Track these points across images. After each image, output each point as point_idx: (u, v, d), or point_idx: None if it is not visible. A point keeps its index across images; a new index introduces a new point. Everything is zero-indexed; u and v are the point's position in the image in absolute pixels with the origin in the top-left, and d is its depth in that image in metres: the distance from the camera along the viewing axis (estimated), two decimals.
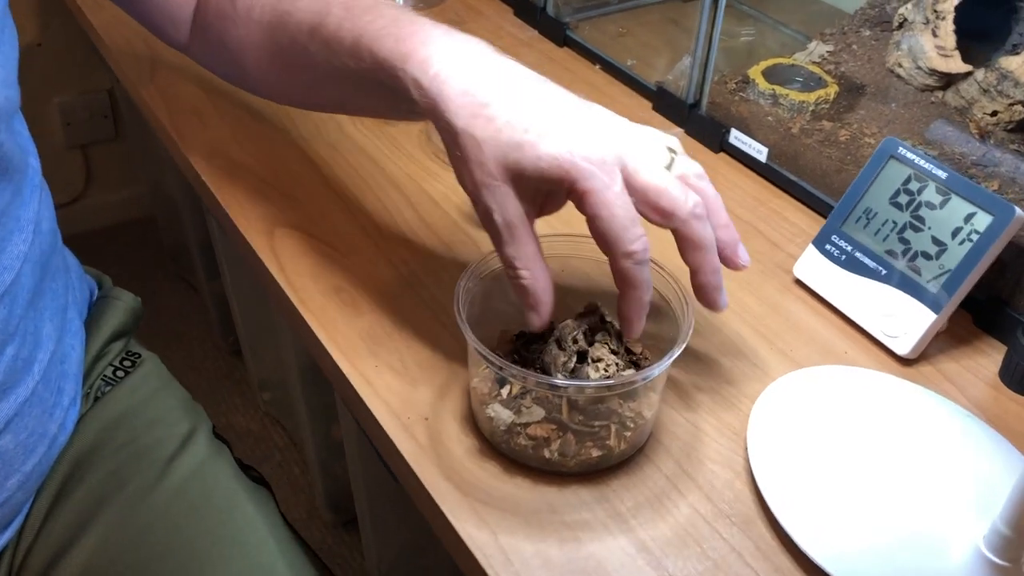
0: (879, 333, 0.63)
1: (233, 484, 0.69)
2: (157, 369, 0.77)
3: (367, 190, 0.76)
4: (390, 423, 0.56)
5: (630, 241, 0.48)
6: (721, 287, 0.53)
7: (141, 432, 0.70)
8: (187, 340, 1.72)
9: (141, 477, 0.67)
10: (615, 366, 0.52)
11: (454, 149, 0.51)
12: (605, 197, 0.48)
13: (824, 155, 0.75)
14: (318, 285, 0.66)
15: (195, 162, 0.78)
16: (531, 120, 0.49)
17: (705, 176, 0.53)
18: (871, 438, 0.55)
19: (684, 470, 0.54)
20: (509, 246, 0.50)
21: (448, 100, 0.50)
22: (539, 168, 0.48)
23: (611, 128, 0.50)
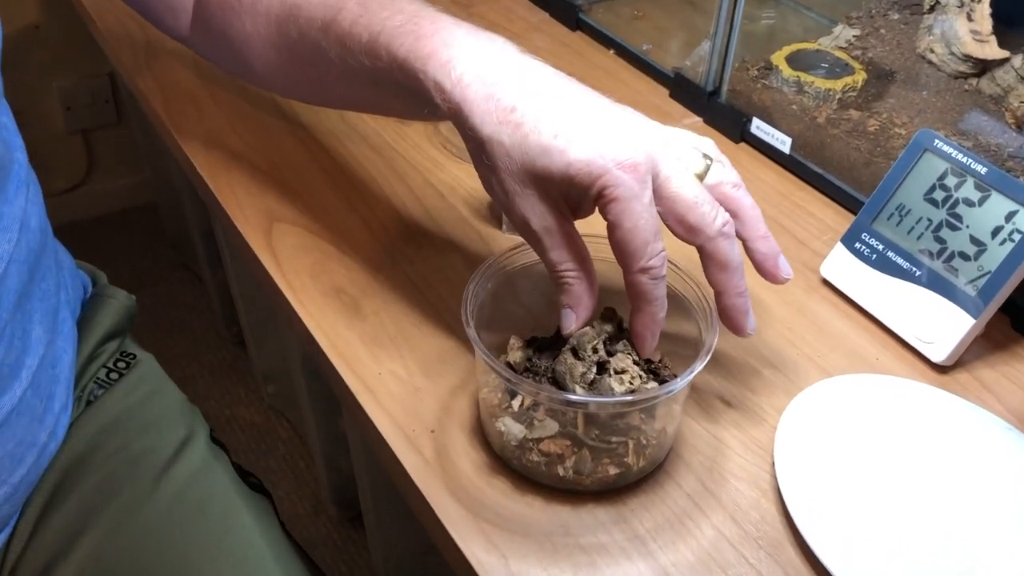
0: (912, 338, 0.59)
1: (231, 493, 0.66)
2: (152, 370, 0.73)
3: (370, 182, 0.72)
4: (394, 436, 0.53)
5: (649, 256, 0.45)
6: (748, 310, 0.50)
7: (135, 438, 0.67)
8: (190, 330, 1.69)
9: (135, 486, 0.64)
10: (639, 378, 0.49)
11: (481, 157, 0.48)
12: (631, 207, 0.45)
13: (852, 146, 0.71)
14: (318, 285, 0.63)
15: (191, 152, 0.75)
16: (560, 124, 0.46)
17: (742, 185, 0.50)
18: (906, 453, 0.52)
19: (707, 488, 0.51)
20: (552, 251, 0.48)
21: (473, 105, 0.47)
22: (568, 175, 0.45)
23: (645, 132, 0.47)
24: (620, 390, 0.48)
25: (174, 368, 1.60)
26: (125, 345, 0.74)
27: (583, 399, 0.46)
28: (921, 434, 0.53)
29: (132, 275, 1.80)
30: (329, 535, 1.34)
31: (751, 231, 0.50)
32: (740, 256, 0.49)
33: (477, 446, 0.52)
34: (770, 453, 0.53)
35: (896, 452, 0.52)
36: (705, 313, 0.51)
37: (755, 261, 0.51)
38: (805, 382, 0.57)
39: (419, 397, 0.55)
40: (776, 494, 0.51)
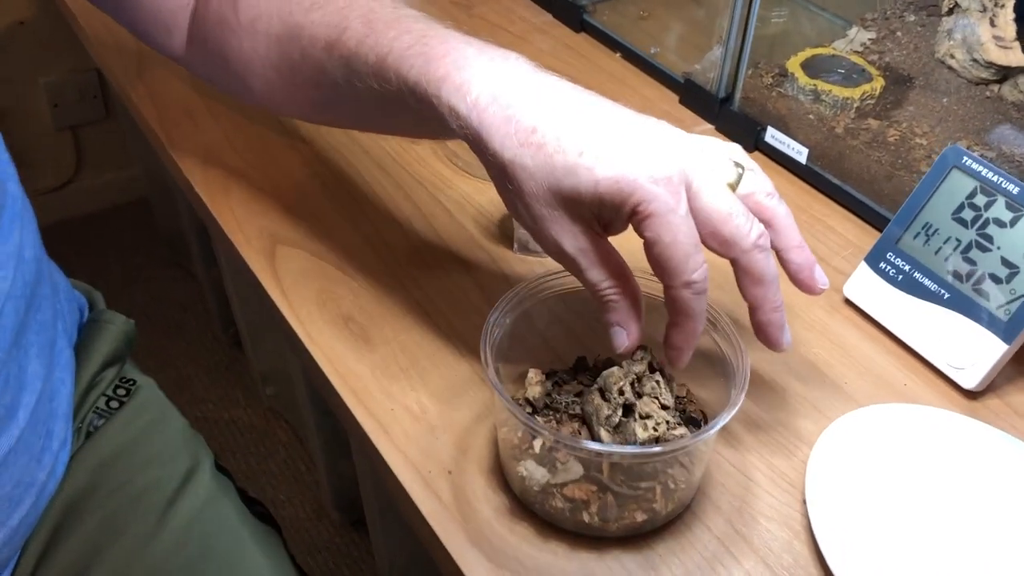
0: (942, 364, 0.57)
1: (238, 527, 0.64)
2: (153, 396, 0.71)
3: (374, 199, 0.70)
4: (410, 479, 0.51)
5: (692, 270, 0.44)
6: (784, 325, 0.48)
7: (137, 472, 0.65)
8: (186, 331, 1.66)
9: (139, 524, 0.62)
10: (665, 424, 0.47)
11: (505, 182, 0.46)
12: (668, 221, 0.43)
13: (872, 158, 0.69)
14: (325, 314, 0.60)
15: (187, 170, 0.72)
16: (584, 141, 0.44)
17: (776, 193, 0.49)
18: (941, 489, 0.50)
19: (736, 530, 0.49)
20: (591, 271, 0.46)
21: (491, 129, 0.45)
22: (598, 193, 0.44)
23: (673, 142, 0.45)
24: (644, 436, 0.46)
25: (170, 370, 1.58)
26: (125, 371, 0.72)
27: (603, 448, 0.44)
28: (957, 469, 0.51)
29: (124, 273, 1.77)
30: (331, 539, 1.33)
31: (786, 241, 0.48)
32: (776, 269, 0.47)
33: (497, 488, 0.51)
34: (800, 490, 0.51)
35: (931, 488, 0.50)
36: (735, 347, 0.49)
37: (790, 272, 0.49)
38: (832, 410, 0.55)
39: (434, 434, 0.53)
40: (808, 534, 0.49)
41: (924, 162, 0.67)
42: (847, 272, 0.64)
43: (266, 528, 0.66)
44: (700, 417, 0.51)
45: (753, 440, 0.54)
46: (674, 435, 0.47)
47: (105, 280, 1.77)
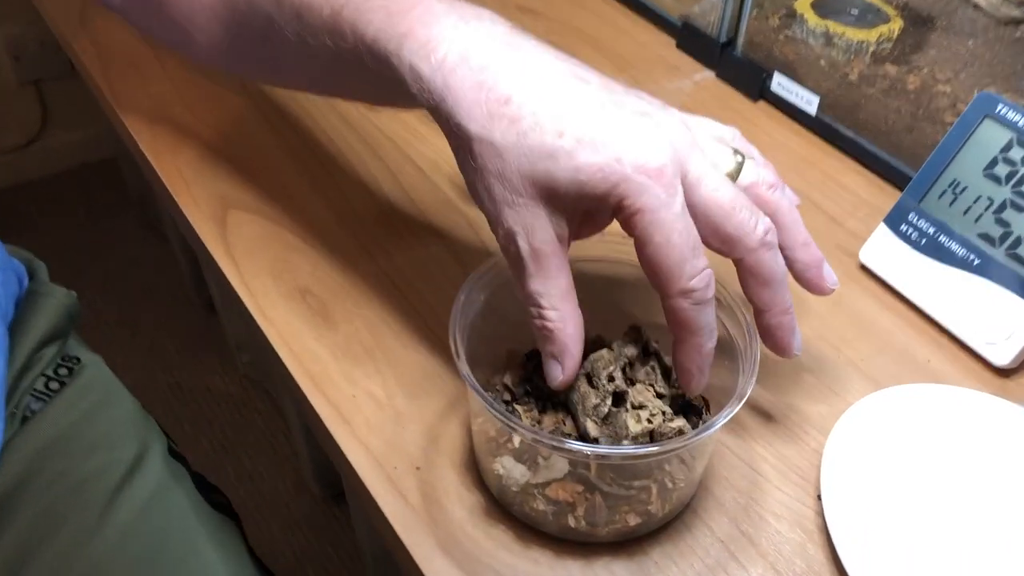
0: (970, 338, 0.51)
1: (190, 519, 0.58)
2: (100, 375, 0.65)
3: (339, 158, 0.63)
4: (372, 476, 0.45)
5: (690, 275, 0.37)
6: (795, 328, 0.43)
7: (79, 459, 0.58)
8: (158, 295, 1.59)
9: (79, 517, 0.56)
10: (661, 415, 0.41)
11: (467, 158, 0.40)
12: (660, 218, 0.37)
13: (890, 108, 0.62)
14: (280, 286, 0.54)
15: (132, 127, 0.65)
16: (566, 119, 0.38)
17: (779, 184, 0.43)
18: (972, 482, 0.44)
19: (742, 531, 0.43)
20: (535, 280, 0.39)
21: (458, 94, 0.39)
22: (578, 182, 0.37)
23: (668, 126, 0.39)
24: (636, 429, 0.40)
25: (142, 336, 1.52)
26: (67, 348, 0.65)
27: (588, 449, 0.38)
28: (989, 457, 0.45)
29: (94, 236, 1.70)
30: (312, 514, 1.27)
31: (791, 238, 0.43)
32: (784, 268, 0.41)
33: (471, 485, 0.45)
34: (814, 485, 0.45)
35: (961, 480, 0.44)
36: (743, 329, 0.43)
37: (796, 271, 0.44)
38: (848, 392, 0.49)
39: (401, 424, 0.47)
40: (824, 536, 0.43)
41: (948, 111, 0.61)
42: (863, 236, 0.58)
43: (222, 519, 0.60)
44: (701, 404, 0.45)
45: (760, 427, 0.48)
46: (670, 427, 0.41)
47: (74, 243, 1.70)
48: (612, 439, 0.41)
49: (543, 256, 0.39)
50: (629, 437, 0.40)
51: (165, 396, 1.44)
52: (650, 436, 0.41)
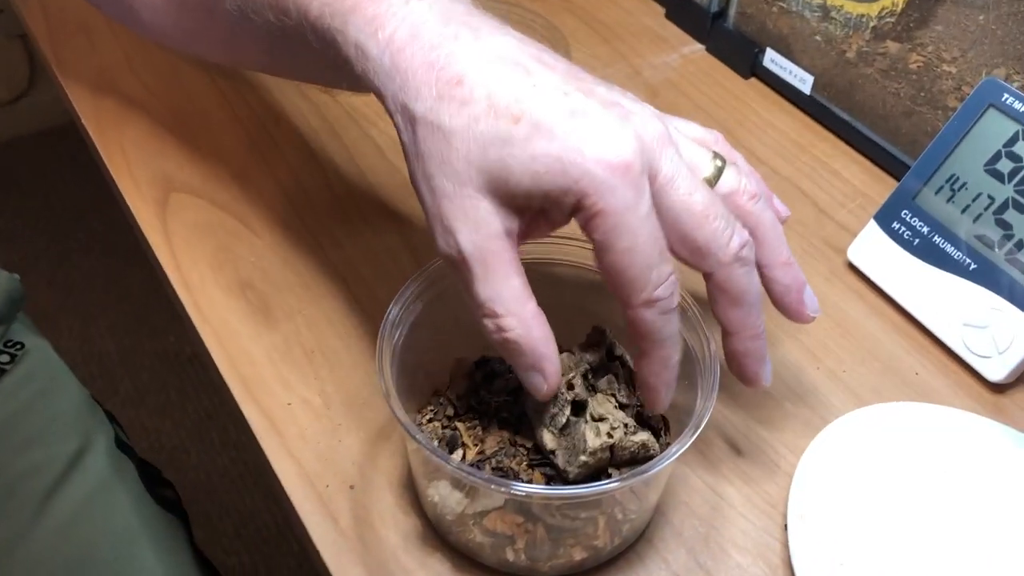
0: (963, 349, 0.47)
1: (132, 521, 0.55)
2: (45, 361, 0.62)
3: (294, 135, 0.59)
4: (301, 494, 0.41)
5: (655, 284, 0.34)
6: (765, 357, 0.39)
7: (14, 455, 0.56)
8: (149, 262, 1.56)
9: (10, 520, 0.53)
10: (623, 428, 0.37)
11: (411, 142, 0.36)
12: (625, 221, 0.33)
13: (889, 89, 0.57)
14: (220, 279, 0.50)
15: (74, 96, 0.61)
16: (524, 104, 0.33)
17: (762, 196, 0.39)
18: (961, 514, 0.41)
19: (700, 563, 0.40)
20: (484, 284, 0.35)
21: (407, 75, 0.35)
22: (533, 173, 0.33)
23: (639, 117, 0.35)
24: (595, 444, 0.37)
25: (132, 301, 1.49)
26: (11, 333, 0.62)
27: (533, 490, 0.34)
28: (979, 490, 0.42)
29: (84, 195, 1.66)
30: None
31: (771, 255, 0.39)
32: (759, 287, 0.37)
33: (408, 508, 0.41)
34: (782, 512, 0.42)
35: (946, 515, 0.41)
36: (701, 342, 0.39)
37: (773, 293, 0.40)
38: (825, 408, 0.46)
39: (338, 437, 0.43)
40: (788, 570, 0.40)
41: (952, 95, 0.56)
42: (853, 230, 0.53)
43: (166, 518, 0.57)
44: (659, 423, 0.41)
45: (726, 446, 0.44)
46: (632, 442, 0.37)
47: (62, 203, 1.66)
48: (569, 451, 0.37)
49: (490, 255, 0.34)
50: (587, 452, 0.36)
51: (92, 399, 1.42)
52: (610, 451, 0.37)
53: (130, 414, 1.35)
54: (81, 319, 1.49)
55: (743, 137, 0.60)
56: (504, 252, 0.35)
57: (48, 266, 1.56)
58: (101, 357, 1.43)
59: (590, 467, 0.37)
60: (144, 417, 1.35)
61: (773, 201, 0.43)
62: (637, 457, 0.37)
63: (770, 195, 0.43)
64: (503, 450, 0.39)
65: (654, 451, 0.37)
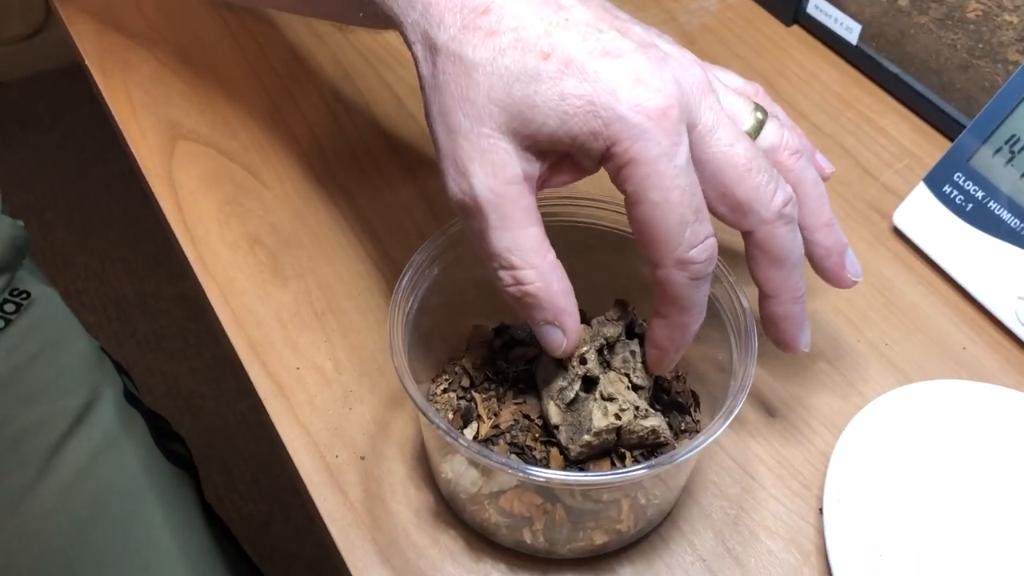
0: (1015, 323, 0.44)
1: (139, 477, 0.53)
2: (52, 312, 0.59)
3: (307, 80, 0.56)
4: (310, 465, 0.39)
5: (690, 243, 0.31)
6: (805, 322, 0.36)
7: (20, 409, 0.54)
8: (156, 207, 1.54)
9: (15, 476, 0.52)
10: (632, 411, 0.34)
11: (429, 74, 0.33)
12: (660, 171, 0.30)
13: (944, 40, 0.53)
14: (226, 234, 0.48)
15: (77, 35, 0.58)
16: (555, 38, 0.31)
17: (805, 152, 0.36)
18: (1010, 505, 0.38)
19: (728, 548, 0.38)
20: (499, 233, 0.32)
21: (428, 2, 0.32)
22: (561, 113, 0.31)
23: (678, 61, 0.32)
24: (601, 424, 0.34)
25: (149, 245, 1.47)
26: (16, 281, 0.60)
27: (546, 475, 0.32)
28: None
29: (103, 134, 1.63)
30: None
31: (813, 216, 0.36)
32: (802, 248, 0.35)
33: (421, 482, 0.39)
34: (817, 495, 0.39)
35: (996, 504, 0.38)
36: (738, 318, 0.36)
37: (813, 256, 0.37)
38: (866, 384, 0.43)
39: (348, 405, 0.41)
40: (823, 559, 0.37)
41: (1012, 47, 0.52)
42: (901, 192, 0.50)
43: (175, 473, 0.56)
44: (689, 400, 0.39)
45: (760, 422, 0.41)
46: (642, 426, 0.34)
47: (80, 142, 1.64)
48: (574, 429, 0.35)
49: (507, 201, 0.32)
50: (591, 431, 0.34)
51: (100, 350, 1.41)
52: (616, 433, 0.35)
53: (147, 358, 1.34)
54: (98, 260, 1.47)
55: (783, 89, 0.57)
56: (522, 199, 0.32)
57: (66, 206, 1.55)
58: (118, 300, 1.42)
59: (594, 448, 0.34)
60: (161, 361, 1.34)
61: (816, 157, 0.40)
62: (645, 442, 0.35)
63: (813, 151, 0.40)
64: (518, 424, 0.37)
65: (664, 437, 0.35)
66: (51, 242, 1.49)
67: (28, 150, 1.62)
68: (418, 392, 0.33)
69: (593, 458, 0.35)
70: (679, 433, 0.38)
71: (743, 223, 0.33)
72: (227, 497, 1.20)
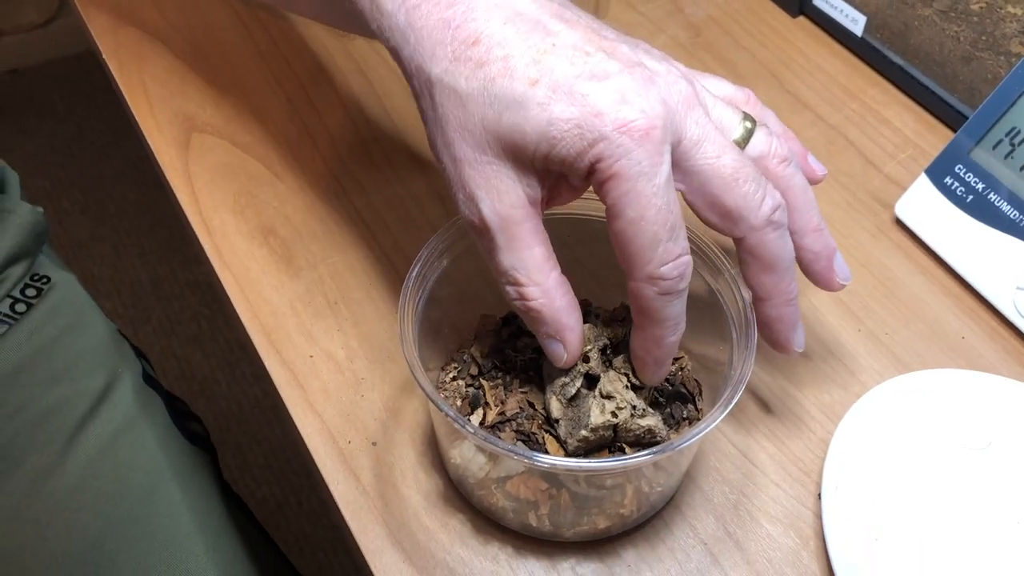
0: (1014, 313, 0.45)
1: (158, 454, 0.55)
2: (71, 296, 0.61)
3: (319, 74, 0.57)
4: (322, 449, 0.41)
5: (661, 261, 0.32)
6: (797, 323, 0.37)
7: (42, 390, 0.55)
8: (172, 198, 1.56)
9: (39, 454, 0.53)
10: (629, 410, 0.36)
11: (428, 107, 0.35)
12: (637, 189, 0.31)
13: (947, 32, 0.54)
14: (241, 225, 0.49)
15: (95, 30, 0.59)
16: (541, 66, 0.32)
17: (793, 159, 0.37)
18: (1006, 494, 0.39)
19: (729, 532, 0.39)
20: (506, 253, 0.34)
21: (421, 33, 0.34)
22: (549, 138, 0.32)
23: (664, 79, 0.33)
24: (598, 421, 0.35)
25: (163, 231, 1.49)
26: (37, 266, 0.61)
27: (551, 462, 0.33)
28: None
29: (118, 122, 1.65)
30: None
31: (802, 221, 0.37)
32: (792, 252, 0.36)
33: (431, 467, 0.40)
34: (816, 481, 0.40)
35: (992, 491, 0.39)
36: (738, 308, 0.37)
37: (803, 260, 0.38)
38: (866, 373, 0.44)
39: (360, 392, 0.42)
40: (821, 543, 0.38)
41: (1015, 40, 0.52)
42: (903, 183, 0.51)
43: (194, 453, 0.57)
44: (694, 391, 0.40)
45: (760, 410, 0.42)
46: (638, 425, 0.35)
47: (95, 129, 1.66)
48: (572, 423, 0.36)
49: (512, 223, 0.34)
50: (588, 427, 0.35)
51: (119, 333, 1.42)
52: (613, 430, 0.36)
53: (162, 343, 1.36)
54: (113, 247, 1.49)
55: (788, 80, 0.57)
56: (527, 221, 0.34)
57: (81, 193, 1.56)
58: (133, 286, 1.44)
59: (590, 443, 0.36)
60: (176, 347, 1.36)
61: (808, 159, 0.41)
62: (642, 440, 0.36)
63: (804, 154, 0.41)
64: (524, 412, 0.38)
65: (660, 437, 0.36)
66: (67, 228, 1.51)
67: (43, 138, 1.64)
68: (427, 380, 0.34)
69: (590, 452, 0.36)
70: (681, 421, 0.39)
71: (734, 230, 0.34)
72: (240, 480, 1.22)
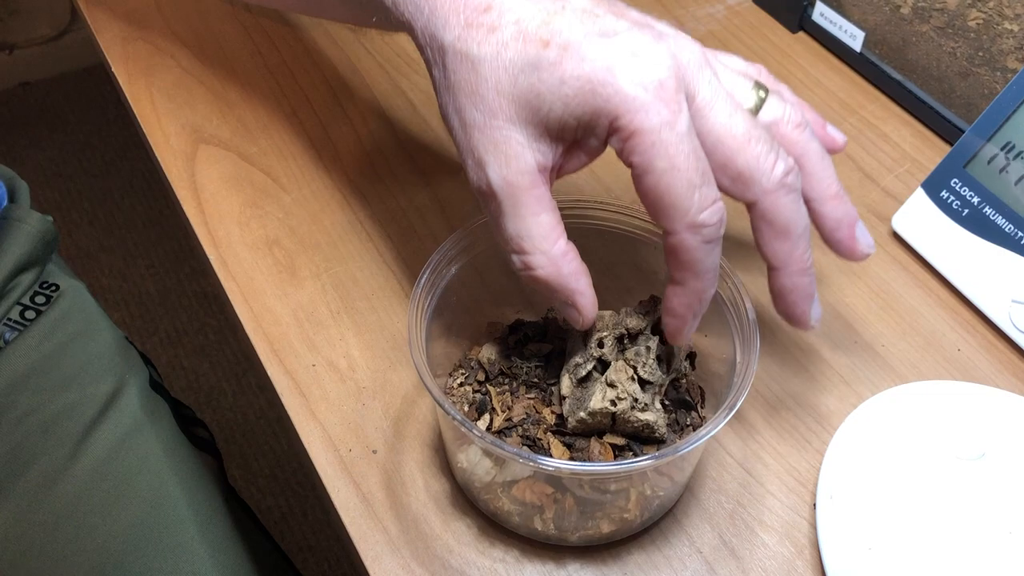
0: (1009, 326, 0.45)
1: (163, 459, 0.55)
2: (80, 303, 0.62)
3: (323, 87, 0.58)
4: (323, 457, 0.41)
5: (700, 206, 0.32)
6: (813, 294, 0.37)
7: (51, 395, 0.56)
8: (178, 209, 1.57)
9: (48, 458, 0.54)
10: (630, 401, 0.36)
11: (440, 74, 0.35)
12: (664, 139, 0.31)
13: (944, 48, 0.54)
14: (247, 236, 0.49)
15: (104, 43, 0.60)
16: (553, 28, 0.33)
17: (808, 124, 0.36)
18: (999, 506, 0.39)
19: (725, 542, 0.39)
20: (511, 219, 0.34)
21: (434, 3, 0.35)
22: (563, 97, 0.32)
23: (674, 41, 0.34)
24: (597, 406, 0.36)
25: (171, 242, 1.50)
26: (46, 274, 0.62)
27: (556, 465, 0.33)
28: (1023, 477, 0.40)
29: (127, 134, 1.67)
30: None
31: (819, 187, 0.36)
32: (806, 217, 0.35)
33: (438, 472, 0.41)
34: (812, 492, 0.41)
35: (986, 503, 0.39)
36: (741, 318, 0.38)
37: (823, 229, 0.38)
38: (863, 385, 0.44)
39: (362, 401, 0.43)
40: (815, 552, 0.39)
41: (1012, 56, 0.53)
42: (900, 197, 0.51)
43: (199, 458, 0.58)
44: (696, 397, 0.40)
45: (758, 420, 0.43)
46: (637, 418, 0.36)
47: (104, 141, 1.67)
48: (576, 404, 0.37)
49: (520, 190, 0.34)
50: (586, 410, 0.36)
51: (126, 340, 1.43)
52: (611, 418, 0.36)
53: (168, 354, 1.37)
54: (121, 258, 1.50)
55: None
56: (535, 187, 0.34)
57: (90, 204, 1.58)
58: (140, 296, 1.45)
59: (588, 426, 0.36)
60: (182, 357, 1.37)
61: (826, 129, 0.41)
62: (640, 434, 0.36)
63: (822, 123, 0.41)
64: (530, 417, 0.38)
65: (660, 434, 0.36)
66: (75, 239, 1.52)
67: (54, 149, 1.65)
68: (435, 385, 0.35)
69: (587, 435, 0.37)
70: (684, 428, 0.39)
71: (746, 194, 0.34)
72: (246, 490, 1.22)
